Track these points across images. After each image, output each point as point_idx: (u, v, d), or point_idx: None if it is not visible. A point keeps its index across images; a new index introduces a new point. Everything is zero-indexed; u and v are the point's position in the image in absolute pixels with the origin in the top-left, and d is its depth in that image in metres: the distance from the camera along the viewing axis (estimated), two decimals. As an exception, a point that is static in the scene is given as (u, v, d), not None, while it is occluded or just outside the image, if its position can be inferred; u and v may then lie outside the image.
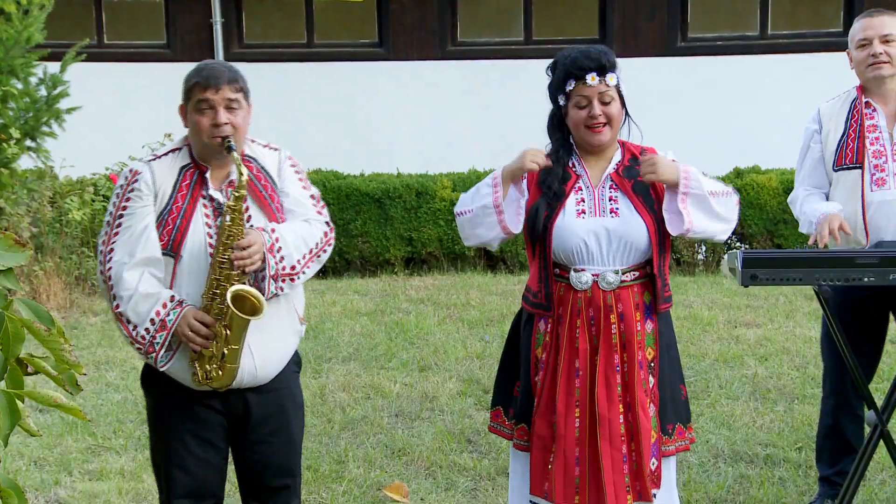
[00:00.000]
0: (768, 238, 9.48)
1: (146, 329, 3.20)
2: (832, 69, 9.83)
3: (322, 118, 10.85)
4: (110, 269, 3.23)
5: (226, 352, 3.24)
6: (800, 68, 10.47)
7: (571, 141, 3.58)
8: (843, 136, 4.27)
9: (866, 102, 4.26)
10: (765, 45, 10.82)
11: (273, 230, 3.31)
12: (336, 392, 6.13)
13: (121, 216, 3.26)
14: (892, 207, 4.14)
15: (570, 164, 3.56)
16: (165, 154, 3.37)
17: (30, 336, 1.98)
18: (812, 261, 3.72)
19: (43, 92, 8.34)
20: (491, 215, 3.49)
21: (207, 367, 3.25)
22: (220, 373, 3.26)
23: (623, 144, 3.62)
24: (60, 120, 8.38)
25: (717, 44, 10.90)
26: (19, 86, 8.14)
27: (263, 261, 3.25)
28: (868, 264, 3.70)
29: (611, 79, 3.49)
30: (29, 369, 2.05)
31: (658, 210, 3.49)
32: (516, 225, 3.51)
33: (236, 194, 3.23)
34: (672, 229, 3.47)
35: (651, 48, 10.68)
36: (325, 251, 3.47)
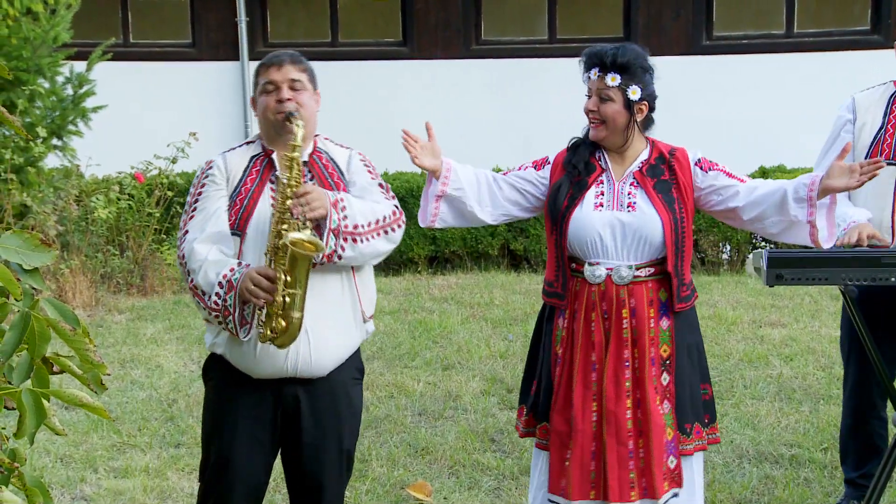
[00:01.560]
0: (794, 237, 9.41)
1: (217, 294, 3.22)
2: (859, 67, 9.80)
3: (346, 117, 10.86)
4: (183, 247, 3.32)
5: (287, 299, 3.21)
6: (826, 66, 10.40)
7: None
8: (880, 129, 4.19)
9: None
10: (791, 44, 10.77)
11: (337, 192, 3.36)
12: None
13: (196, 201, 3.37)
14: None
15: (597, 157, 3.59)
16: (240, 146, 3.49)
17: (55, 335, 2.00)
18: (838, 260, 3.70)
19: (69, 91, 8.41)
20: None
21: (272, 322, 3.25)
22: (285, 323, 3.22)
23: (653, 143, 3.61)
24: (86, 119, 8.44)
25: (743, 42, 10.85)
26: (46, 85, 8.21)
27: (325, 214, 3.26)
28: (894, 264, 3.67)
29: (612, 79, 3.48)
30: (55, 368, 2.07)
31: (678, 209, 3.49)
32: (423, 219, 3.70)
33: (294, 144, 3.27)
34: (734, 222, 3.63)
35: (676, 47, 10.64)
36: (393, 229, 3.43)
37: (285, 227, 3.23)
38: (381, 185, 3.53)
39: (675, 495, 3.54)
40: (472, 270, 9.61)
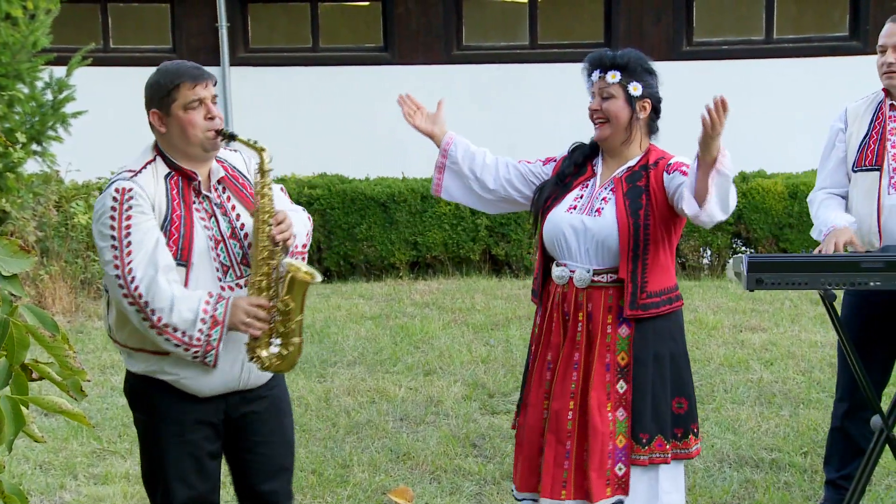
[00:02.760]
0: (773, 242, 9.46)
1: (199, 330, 3.14)
2: (838, 73, 9.86)
3: (327, 122, 10.87)
4: (137, 287, 3.12)
5: (293, 326, 3.24)
6: (805, 72, 10.47)
7: None
8: (865, 136, 4.25)
9: (890, 105, 4.24)
10: (770, 49, 10.83)
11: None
12: (341, 396, 6.13)
13: (127, 235, 3.14)
14: None
15: (593, 162, 3.67)
16: (143, 168, 3.28)
17: (35, 342, 1.99)
18: (818, 265, 3.71)
19: (49, 96, 8.36)
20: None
21: (272, 350, 3.24)
22: (288, 350, 3.25)
23: (649, 150, 3.62)
24: (66, 124, 8.39)
25: (723, 48, 10.91)
26: (25, 90, 8.16)
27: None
28: (874, 269, 3.69)
29: (612, 76, 3.53)
30: (34, 375, 2.06)
31: (642, 216, 3.47)
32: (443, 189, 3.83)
33: (265, 169, 3.24)
34: (687, 207, 3.37)
35: (656, 52, 10.66)
36: (311, 235, 3.53)
37: (269, 254, 3.22)
38: (282, 188, 3.52)
39: (620, 502, 3.51)
40: (454, 275, 9.61)
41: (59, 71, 8.49)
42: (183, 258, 3.20)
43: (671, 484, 3.61)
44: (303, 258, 3.37)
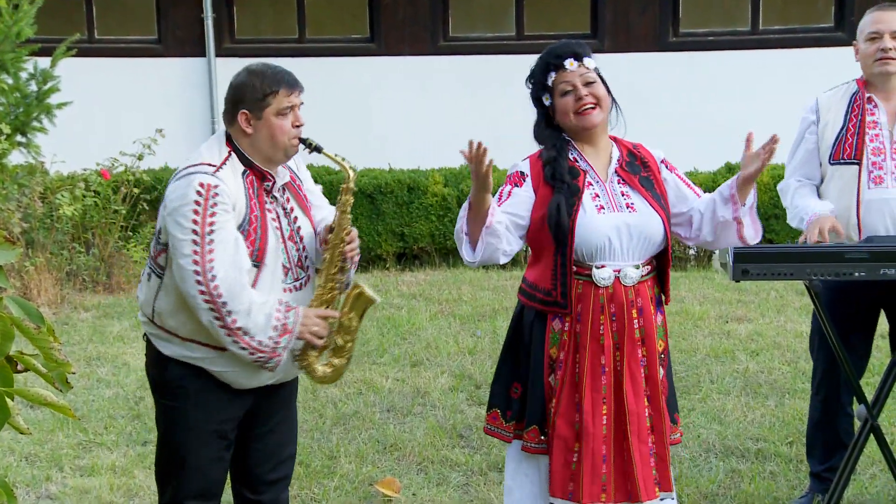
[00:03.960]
0: (760, 233, 9.48)
1: (269, 337, 3.19)
2: (823, 64, 9.88)
3: (314, 113, 10.76)
4: (216, 286, 3.10)
5: (350, 344, 3.42)
6: (791, 63, 10.49)
7: (566, 137, 3.58)
8: (842, 129, 4.21)
9: (868, 97, 4.20)
10: (756, 41, 10.84)
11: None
12: (327, 387, 6.13)
13: (211, 232, 3.13)
14: (888, 206, 4.10)
15: (573, 159, 3.54)
16: (223, 163, 3.26)
17: (19, 334, 1.98)
18: (803, 256, 3.74)
19: (33, 87, 8.34)
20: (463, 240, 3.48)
21: (332, 360, 3.41)
22: (341, 363, 3.42)
23: (616, 140, 3.62)
24: (51, 115, 8.38)
25: (709, 39, 10.91)
26: (9, 81, 8.14)
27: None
28: (858, 259, 3.72)
29: (588, 63, 3.52)
30: (19, 367, 2.05)
31: (665, 205, 3.53)
32: (470, 255, 3.48)
33: (348, 187, 3.41)
34: (683, 231, 3.62)
35: (642, 43, 10.68)
36: None
37: (338, 269, 3.38)
38: (319, 187, 3.67)
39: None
40: (441, 267, 9.61)
41: (44, 62, 8.47)
42: (258, 259, 3.23)
43: None
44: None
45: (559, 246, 3.46)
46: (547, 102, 3.55)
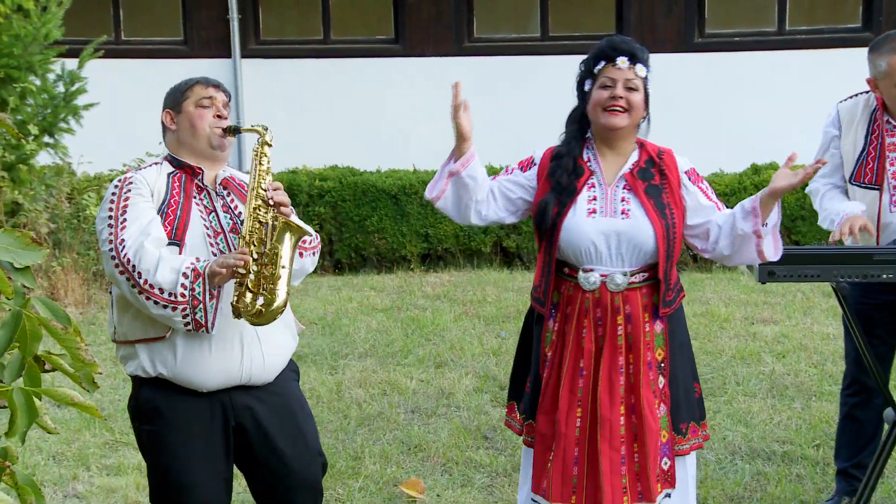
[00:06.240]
0: (786, 234, 9.44)
1: (182, 285, 3.12)
2: (850, 65, 9.80)
3: (338, 114, 10.87)
4: (125, 254, 3.14)
5: (277, 272, 3.19)
6: (818, 64, 10.42)
7: (589, 135, 3.57)
8: (862, 151, 4.17)
9: (887, 119, 4.14)
10: (782, 41, 10.78)
11: None
12: (352, 388, 6.14)
13: (123, 212, 3.21)
14: None
15: (586, 159, 3.53)
16: (149, 166, 3.39)
17: (47, 334, 1.99)
18: (830, 257, 3.71)
19: (61, 88, 8.40)
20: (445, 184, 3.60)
21: (254, 294, 3.19)
22: (272, 300, 3.18)
23: (642, 144, 3.59)
24: (78, 116, 8.43)
25: (735, 39, 10.85)
26: (37, 82, 8.19)
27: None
28: (886, 261, 3.69)
29: (640, 70, 3.47)
30: (46, 367, 2.06)
31: (669, 215, 3.46)
32: (430, 190, 3.62)
33: (264, 140, 3.32)
34: (699, 244, 3.55)
35: (668, 44, 10.64)
36: (317, 250, 3.54)
37: (262, 214, 3.25)
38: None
39: (668, 496, 3.54)
40: (465, 268, 9.61)
41: (71, 63, 8.52)
42: (177, 237, 3.24)
43: (694, 469, 3.68)
44: (300, 253, 3.38)
45: (544, 241, 3.51)
46: (587, 88, 3.53)
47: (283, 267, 3.21)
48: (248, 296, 3.19)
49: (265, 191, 3.27)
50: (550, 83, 11.12)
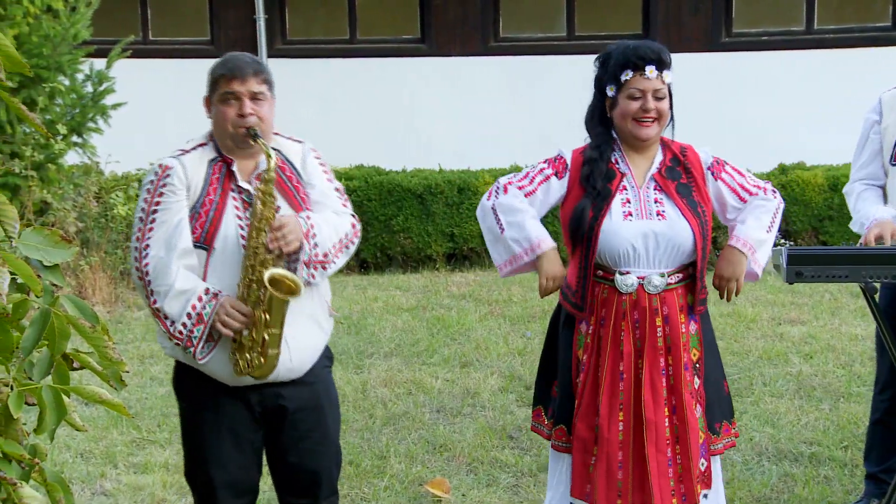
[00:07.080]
0: (813, 235, 9.38)
1: (183, 324, 3.18)
2: (879, 64, 9.74)
3: (364, 114, 10.88)
4: (147, 264, 3.21)
5: (266, 337, 3.22)
6: (846, 63, 10.34)
7: (614, 135, 3.56)
8: None
9: None
10: (810, 40, 10.70)
11: (308, 217, 3.33)
12: (377, 387, 6.15)
13: (154, 211, 3.25)
14: None
15: (614, 160, 3.52)
16: (193, 149, 3.38)
17: (75, 332, 2.00)
18: (858, 258, 3.68)
19: (89, 88, 8.45)
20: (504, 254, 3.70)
21: (248, 355, 3.23)
22: (262, 360, 3.24)
23: (664, 142, 3.58)
24: (106, 116, 8.48)
25: (762, 39, 10.79)
26: (66, 82, 8.25)
27: (299, 247, 3.26)
28: (916, 261, 3.65)
29: (667, 76, 3.46)
30: (75, 364, 2.08)
31: (701, 213, 3.47)
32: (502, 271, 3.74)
33: (266, 177, 3.25)
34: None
35: (695, 43, 10.60)
36: (353, 242, 3.48)
37: (259, 261, 3.21)
38: (336, 188, 3.53)
39: (705, 496, 3.53)
40: (491, 267, 9.59)
41: (99, 63, 8.57)
42: (206, 241, 3.25)
43: (719, 466, 3.67)
44: (323, 268, 3.34)
45: (579, 248, 3.50)
46: (610, 93, 3.49)
47: (275, 333, 3.24)
48: (241, 360, 3.24)
49: (265, 234, 3.22)
50: (576, 82, 11.09)
